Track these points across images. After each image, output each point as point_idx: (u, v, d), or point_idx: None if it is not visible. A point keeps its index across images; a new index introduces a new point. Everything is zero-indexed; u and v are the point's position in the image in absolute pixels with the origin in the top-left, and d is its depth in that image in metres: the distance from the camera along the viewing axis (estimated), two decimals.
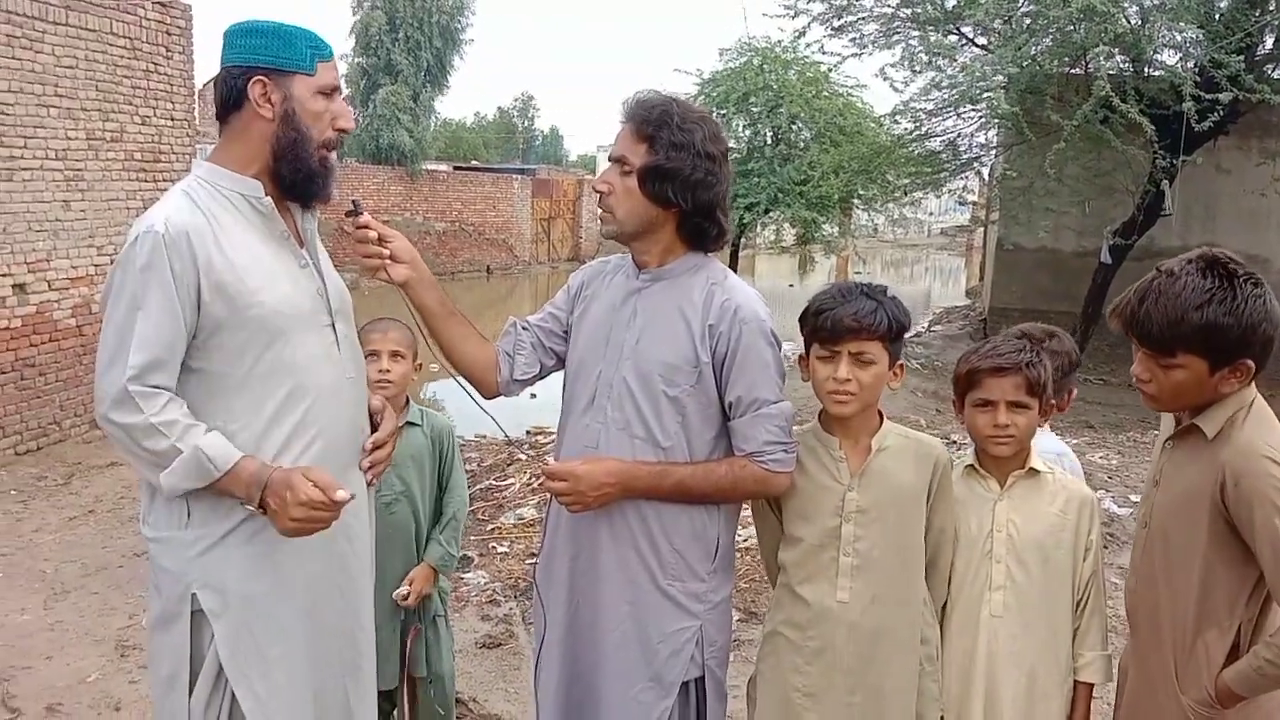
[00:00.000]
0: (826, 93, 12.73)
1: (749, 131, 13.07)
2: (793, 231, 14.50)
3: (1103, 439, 7.52)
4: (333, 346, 1.93)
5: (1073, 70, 8.77)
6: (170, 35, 7.97)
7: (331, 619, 1.94)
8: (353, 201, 1.98)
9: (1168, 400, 1.81)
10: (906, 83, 9.46)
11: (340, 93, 1.92)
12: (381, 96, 25.61)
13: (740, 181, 12.45)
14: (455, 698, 3.00)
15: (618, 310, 2.04)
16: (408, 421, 2.71)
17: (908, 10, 9.50)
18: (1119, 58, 8.41)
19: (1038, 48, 8.44)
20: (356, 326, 2.10)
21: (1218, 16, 8.11)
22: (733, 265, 13.40)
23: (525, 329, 2.14)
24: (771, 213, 12.84)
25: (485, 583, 4.60)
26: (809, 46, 10.78)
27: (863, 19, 9.71)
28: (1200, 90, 7.42)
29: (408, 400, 2.75)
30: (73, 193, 7.06)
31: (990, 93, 8.67)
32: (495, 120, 58.33)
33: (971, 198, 17.19)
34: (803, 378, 2.07)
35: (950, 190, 13.45)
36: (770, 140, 12.97)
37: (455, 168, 31.10)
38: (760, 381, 1.95)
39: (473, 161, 38.86)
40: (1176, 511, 1.80)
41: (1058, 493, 2.07)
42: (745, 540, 4.03)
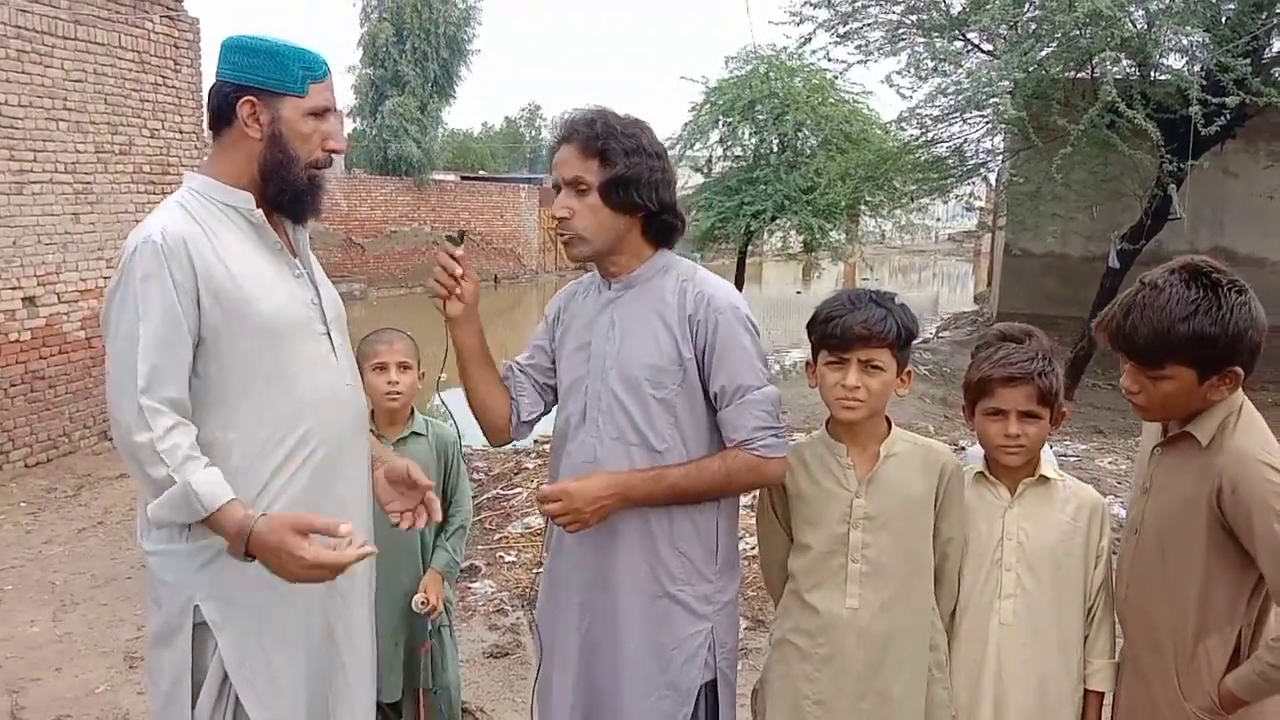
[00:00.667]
0: (832, 99, 12.69)
1: (755, 139, 13.03)
2: (799, 238, 14.47)
3: (1111, 444, 7.47)
4: (329, 354, 1.94)
5: (1079, 75, 8.74)
6: (178, 48, 8.01)
7: (331, 623, 1.94)
8: (460, 231, 2.06)
9: (1158, 411, 1.81)
10: (913, 89, 9.44)
11: (333, 113, 1.92)
12: (389, 108, 25.72)
13: (747, 189, 12.43)
14: (462, 707, 3.00)
15: (595, 324, 2.04)
16: (412, 432, 2.71)
17: (913, 17, 9.49)
18: (1125, 62, 8.38)
19: (1043, 53, 8.41)
20: (361, 335, 2.10)
21: (1224, 20, 8.08)
22: (740, 272, 13.41)
23: (522, 371, 2.15)
24: (778, 220, 12.81)
25: (493, 592, 4.59)
26: (815, 54, 10.78)
27: (868, 26, 9.71)
28: (1207, 94, 7.38)
29: (412, 411, 2.75)
30: (82, 205, 7.10)
31: (996, 98, 8.64)
32: (502, 130, 58.39)
33: (979, 203, 17.13)
34: (810, 384, 2.07)
35: (957, 196, 13.41)
36: (776, 147, 12.93)
37: (463, 177, 31.16)
38: (742, 368, 1.94)
39: (480, 171, 38.92)
40: (1172, 519, 1.79)
41: (1068, 500, 2.06)
42: (753, 548, 4.01)
